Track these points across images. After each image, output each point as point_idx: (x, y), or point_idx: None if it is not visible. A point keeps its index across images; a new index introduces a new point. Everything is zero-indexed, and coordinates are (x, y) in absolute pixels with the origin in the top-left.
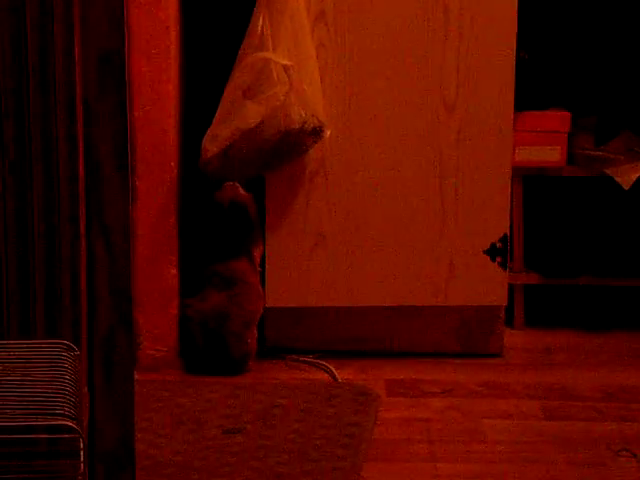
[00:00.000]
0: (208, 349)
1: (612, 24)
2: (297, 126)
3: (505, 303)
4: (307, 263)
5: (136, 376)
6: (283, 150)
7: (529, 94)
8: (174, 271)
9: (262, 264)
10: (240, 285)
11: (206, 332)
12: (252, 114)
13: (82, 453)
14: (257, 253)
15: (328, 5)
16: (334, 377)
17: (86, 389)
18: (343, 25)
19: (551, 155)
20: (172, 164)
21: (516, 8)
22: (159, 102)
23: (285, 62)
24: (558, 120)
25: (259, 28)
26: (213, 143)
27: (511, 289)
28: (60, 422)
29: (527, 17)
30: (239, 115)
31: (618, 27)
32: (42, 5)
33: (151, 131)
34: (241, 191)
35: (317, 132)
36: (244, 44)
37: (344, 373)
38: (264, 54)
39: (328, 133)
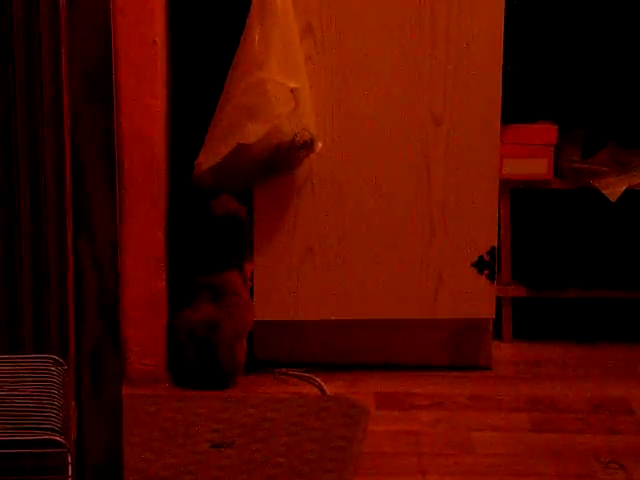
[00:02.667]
0: (198, 359)
1: (598, 38)
2: (288, 139)
3: (493, 316)
4: (296, 276)
5: (124, 390)
6: (275, 163)
7: (516, 107)
8: (162, 284)
9: (251, 277)
10: (231, 297)
11: (196, 341)
12: (253, 132)
13: (70, 468)
14: (249, 266)
15: (315, 19)
16: (323, 391)
17: (74, 403)
18: (330, 39)
19: (538, 168)
20: (160, 177)
21: (502, 21)
22: (147, 116)
23: (293, 85)
24: (545, 133)
25: (255, 44)
26: (208, 157)
27: (499, 302)
28: (48, 436)
29: (513, 30)
30: (240, 133)
31: (604, 40)
32: (28, 20)
33: (139, 145)
34: (236, 203)
35: (308, 145)
36: (238, 59)
37: (333, 386)
38: (272, 76)
39: (320, 146)
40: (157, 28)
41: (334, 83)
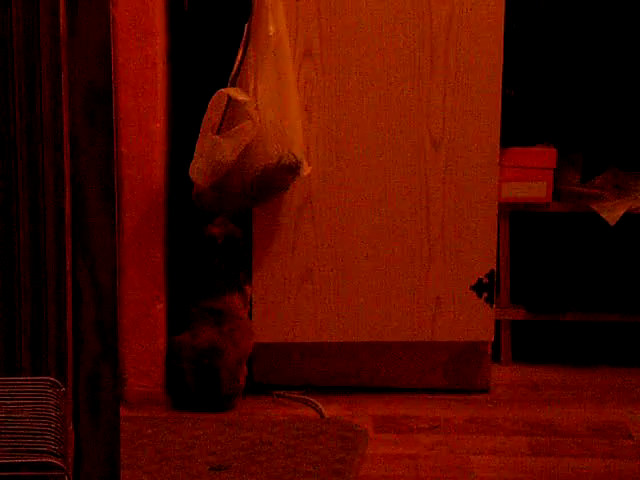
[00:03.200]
0: (199, 386)
1: (598, 61)
2: (274, 161)
3: (492, 339)
4: (294, 298)
5: (122, 412)
6: (266, 185)
7: (515, 130)
8: (161, 306)
9: (250, 300)
10: (233, 321)
11: (198, 369)
12: (227, 149)
13: None
14: (248, 289)
15: (315, 42)
16: (321, 413)
17: (71, 426)
18: (330, 62)
19: (537, 191)
20: (159, 199)
21: (502, 45)
22: (146, 138)
23: (242, 97)
24: (544, 156)
25: (243, 63)
26: (200, 177)
27: (498, 325)
28: (45, 459)
29: (513, 54)
30: (216, 150)
31: (604, 64)
32: (29, 41)
33: (138, 166)
34: (232, 226)
35: (293, 169)
36: (230, 80)
37: (331, 409)
38: (226, 90)
39: (308, 171)
40: (157, 50)
41: (333, 106)
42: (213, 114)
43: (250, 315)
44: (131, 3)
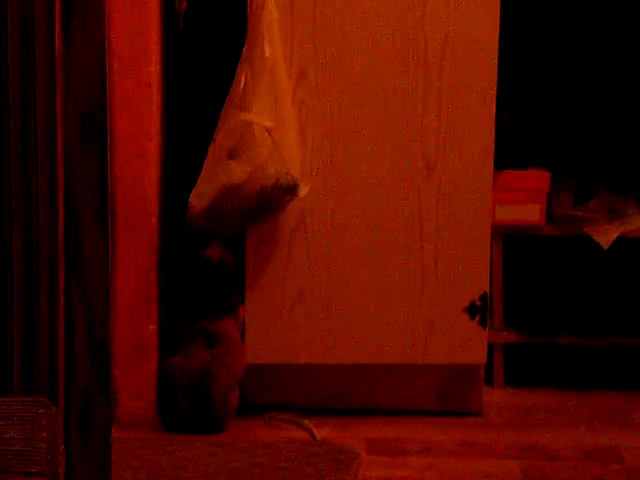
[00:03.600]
0: (191, 409)
1: (591, 85)
2: (271, 182)
3: (485, 361)
4: (287, 319)
5: (113, 433)
6: (262, 206)
7: (509, 153)
8: (153, 327)
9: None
10: (226, 344)
11: (190, 392)
12: (237, 173)
13: None
14: (242, 312)
15: (310, 64)
16: (313, 435)
17: (62, 447)
18: (325, 84)
19: (531, 214)
20: (153, 221)
21: (496, 68)
22: (140, 159)
23: (267, 124)
24: (538, 179)
25: (241, 86)
26: (200, 200)
27: (491, 347)
28: None
29: (507, 77)
30: (224, 174)
31: (597, 88)
32: (24, 62)
33: (132, 188)
34: (225, 250)
35: (291, 189)
36: (227, 102)
37: (323, 431)
38: (248, 116)
39: (305, 191)
40: (152, 71)
41: (327, 128)
42: (227, 140)
43: (243, 335)
44: (126, 24)
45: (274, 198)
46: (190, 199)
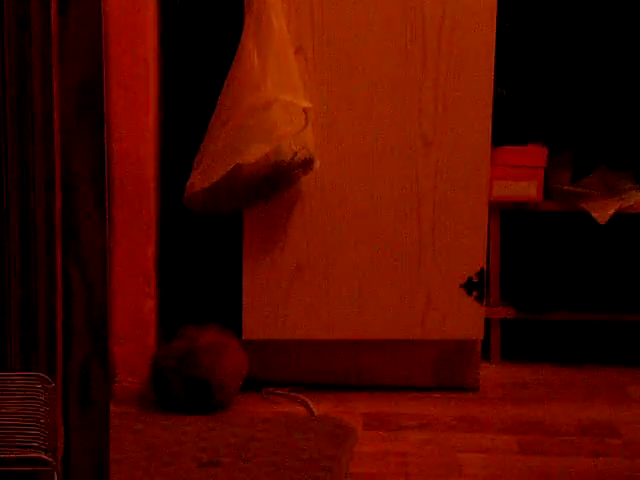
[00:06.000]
0: (188, 397)
1: (589, 61)
2: (287, 158)
3: (482, 337)
4: (285, 296)
5: (111, 408)
6: (271, 182)
7: (506, 129)
8: (151, 303)
9: (239, 297)
10: (219, 332)
11: (190, 382)
12: (253, 152)
13: None
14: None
15: (307, 40)
16: (310, 410)
17: (61, 422)
18: (321, 60)
19: (528, 190)
20: (150, 195)
21: (494, 44)
22: (137, 134)
23: (305, 104)
24: (535, 155)
25: (252, 65)
26: (201, 178)
27: (487, 323)
28: (34, 454)
29: (505, 53)
30: (239, 154)
31: (595, 64)
32: (20, 38)
33: (129, 163)
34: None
35: (307, 163)
36: (233, 80)
37: (320, 406)
38: (276, 96)
39: (318, 164)
40: (148, 46)
41: (325, 104)
42: (252, 120)
43: (240, 311)
44: None
45: (289, 174)
46: (191, 178)
